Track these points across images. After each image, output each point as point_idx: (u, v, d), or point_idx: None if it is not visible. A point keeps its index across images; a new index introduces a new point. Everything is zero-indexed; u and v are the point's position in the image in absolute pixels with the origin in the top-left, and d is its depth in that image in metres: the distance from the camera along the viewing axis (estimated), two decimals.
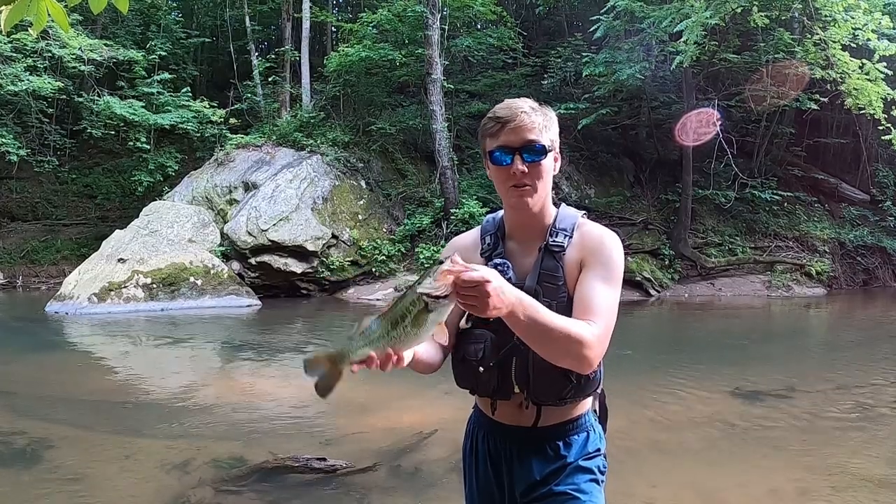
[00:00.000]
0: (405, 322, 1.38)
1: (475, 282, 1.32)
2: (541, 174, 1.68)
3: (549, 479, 1.70)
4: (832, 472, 4.36)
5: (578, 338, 1.50)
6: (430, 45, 15.45)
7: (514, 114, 1.66)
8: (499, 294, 1.35)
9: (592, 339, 1.52)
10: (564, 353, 1.52)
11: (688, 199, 16.03)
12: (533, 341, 1.51)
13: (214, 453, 4.51)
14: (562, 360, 1.55)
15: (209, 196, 15.41)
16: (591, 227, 1.74)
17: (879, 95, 13.06)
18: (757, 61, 15.42)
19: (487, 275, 1.34)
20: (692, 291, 15.68)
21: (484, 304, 1.33)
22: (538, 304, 1.47)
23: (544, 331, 1.46)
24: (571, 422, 1.73)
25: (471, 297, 1.33)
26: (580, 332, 1.51)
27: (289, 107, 18.78)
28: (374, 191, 16.24)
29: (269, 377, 7.50)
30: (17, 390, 6.42)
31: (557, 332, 1.47)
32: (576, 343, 1.50)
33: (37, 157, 17.31)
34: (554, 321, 1.47)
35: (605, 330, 1.57)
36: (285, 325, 11.58)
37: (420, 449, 4.62)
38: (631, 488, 3.91)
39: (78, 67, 16.77)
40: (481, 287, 1.32)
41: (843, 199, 19.04)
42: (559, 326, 1.48)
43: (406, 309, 1.37)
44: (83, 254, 15.32)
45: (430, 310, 1.35)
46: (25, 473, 4.21)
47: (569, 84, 17.55)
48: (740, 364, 7.97)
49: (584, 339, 1.51)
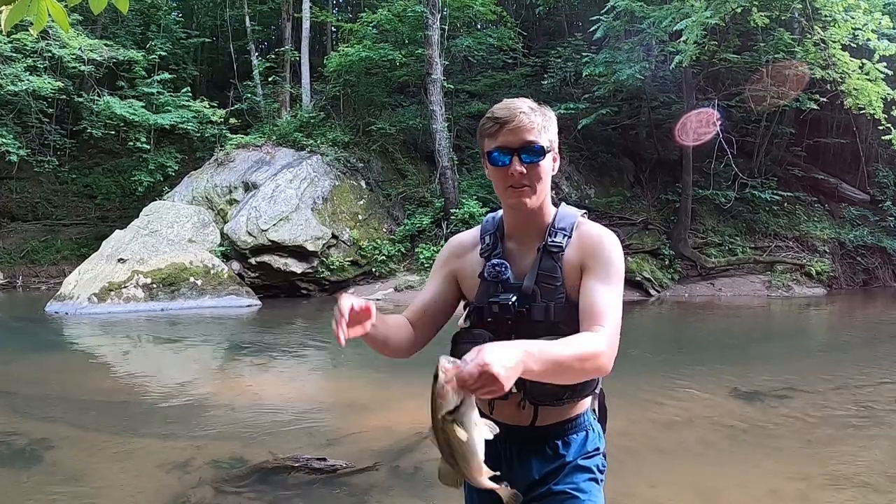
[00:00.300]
0: (453, 447, 1.34)
1: (476, 374, 1.26)
2: (539, 175, 1.67)
3: (548, 479, 1.70)
4: (832, 472, 4.35)
5: (591, 354, 1.49)
6: (430, 45, 15.45)
7: (513, 114, 1.65)
8: (505, 366, 1.28)
9: (603, 347, 1.52)
10: (583, 373, 1.53)
11: (688, 199, 16.03)
12: (552, 378, 1.48)
13: (214, 453, 4.51)
14: (583, 378, 1.57)
15: (209, 196, 15.41)
16: (590, 228, 1.74)
17: (879, 95, 13.06)
18: (757, 61, 15.42)
19: (481, 358, 1.26)
20: (692, 291, 15.67)
21: (499, 385, 1.27)
22: (543, 344, 1.44)
23: (559, 366, 1.43)
24: (570, 421, 1.73)
25: (484, 387, 1.27)
26: (591, 347, 1.50)
27: (289, 107, 18.78)
28: (374, 191, 16.24)
29: (269, 377, 7.50)
30: (17, 390, 6.42)
31: (571, 360, 1.45)
32: (590, 360, 1.49)
33: (37, 157, 17.32)
34: (564, 353, 1.44)
35: (614, 331, 1.58)
36: (285, 325, 11.58)
37: (420, 449, 4.61)
38: (631, 488, 3.90)
39: (78, 67, 16.78)
40: (486, 374, 1.26)
41: (843, 199, 19.04)
42: (571, 355, 1.45)
43: (445, 438, 1.34)
44: (83, 254, 15.33)
45: (462, 422, 1.31)
46: (25, 473, 4.21)
47: (569, 84, 17.55)
48: (740, 364, 7.96)
49: (596, 352, 1.50)
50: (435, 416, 1.32)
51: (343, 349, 1.64)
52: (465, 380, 1.25)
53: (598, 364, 1.50)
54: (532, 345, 1.39)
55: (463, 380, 1.26)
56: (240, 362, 8.43)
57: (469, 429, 1.32)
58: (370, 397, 6.19)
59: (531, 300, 1.67)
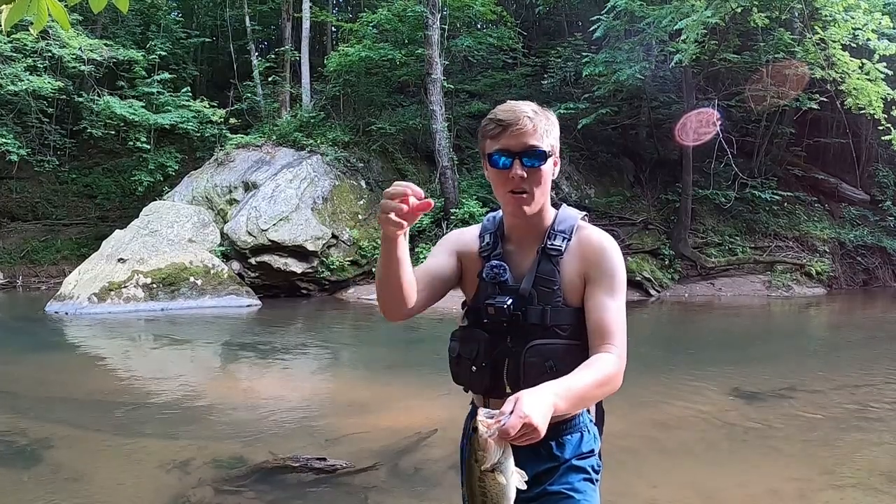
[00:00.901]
0: (489, 496, 1.33)
1: (519, 427, 1.29)
2: (540, 180, 1.67)
3: (543, 479, 1.70)
4: (832, 472, 4.35)
5: (608, 379, 1.56)
6: (430, 45, 15.45)
7: (517, 117, 1.64)
8: (543, 415, 1.32)
9: (618, 367, 1.58)
10: (603, 396, 1.61)
11: (688, 199, 16.03)
12: (576, 409, 1.60)
13: (214, 453, 4.51)
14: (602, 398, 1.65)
15: (209, 196, 15.41)
16: (591, 233, 1.73)
17: (879, 95, 13.06)
18: (757, 61, 15.42)
19: (520, 410, 1.30)
20: (692, 291, 15.68)
21: (538, 434, 1.31)
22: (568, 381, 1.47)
23: (582, 399, 1.51)
24: (565, 422, 1.73)
25: (524, 437, 1.31)
26: (608, 371, 1.56)
27: (289, 107, 18.77)
28: (374, 191, 16.23)
29: (269, 377, 7.51)
30: (17, 390, 6.42)
31: (592, 389, 1.52)
32: (608, 384, 1.56)
33: (37, 157, 17.31)
34: (586, 384, 1.50)
35: (623, 346, 1.62)
36: (285, 325, 11.59)
37: (420, 449, 4.62)
38: (631, 488, 3.90)
39: (78, 67, 16.77)
40: (528, 426, 1.30)
41: (843, 199, 19.03)
42: (592, 383, 1.51)
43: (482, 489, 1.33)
44: (83, 254, 15.32)
45: (502, 471, 1.33)
46: (25, 473, 4.21)
47: (569, 84, 17.55)
48: (740, 364, 7.96)
49: (614, 374, 1.57)
50: (473, 467, 1.34)
51: (341, 350, 1.63)
52: (508, 432, 1.29)
53: (614, 385, 1.58)
54: (559, 385, 1.43)
55: (506, 432, 1.29)
56: (240, 362, 8.43)
57: (508, 478, 1.34)
58: (370, 397, 6.19)
59: (528, 303, 1.67)
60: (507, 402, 1.33)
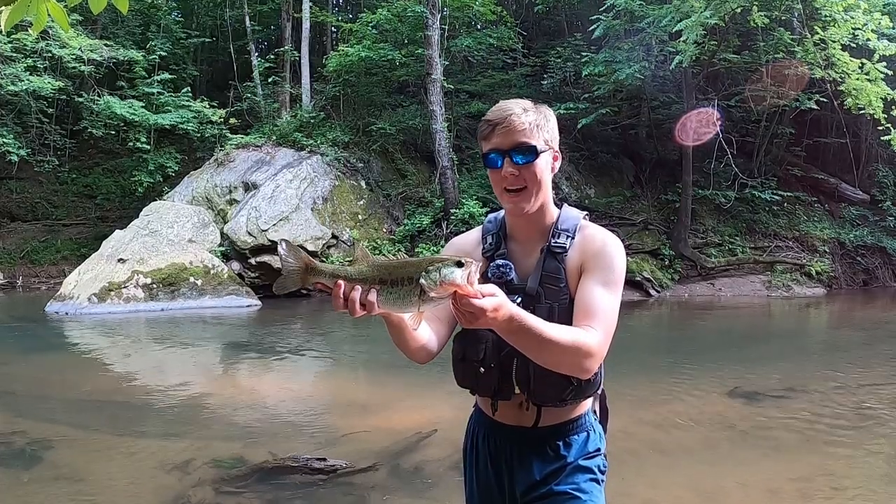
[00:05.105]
0: (396, 288, 1.38)
1: (474, 311, 1.33)
2: (535, 176, 1.66)
3: (550, 479, 1.70)
4: (832, 471, 4.35)
5: (576, 346, 1.49)
6: (430, 45, 15.45)
7: (504, 116, 1.65)
8: (493, 319, 1.36)
9: (592, 346, 1.52)
10: (563, 363, 1.52)
11: (688, 199, 16.03)
12: (529, 352, 1.50)
13: (214, 453, 4.51)
14: (561, 368, 1.54)
15: (209, 196, 15.41)
16: (594, 231, 1.73)
17: (879, 95, 13.07)
18: (757, 61, 15.42)
19: (490, 303, 1.34)
20: (692, 291, 15.67)
21: (471, 323, 1.37)
22: (533, 317, 1.46)
23: (540, 342, 1.45)
24: (571, 422, 1.73)
25: (465, 313, 1.35)
26: (578, 340, 1.50)
27: (289, 107, 18.78)
28: (374, 191, 16.24)
29: (269, 377, 7.50)
30: (17, 390, 6.43)
31: (552, 343, 1.46)
32: (573, 351, 1.49)
33: (37, 157, 17.31)
34: (549, 331, 1.46)
35: (605, 336, 1.56)
36: (285, 325, 11.58)
37: (420, 449, 4.62)
38: (631, 488, 3.91)
39: (78, 67, 16.78)
40: (480, 314, 1.34)
41: (842, 199, 19.02)
42: (555, 337, 1.46)
43: (403, 279, 1.38)
44: (83, 254, 15.32)
45: (423, 300, 1.36)
46: (25, 473, 4.21)
47: (568, 84, 17.55)
48: (740, 364, 7.96)
49: (583, 347, 1.50)
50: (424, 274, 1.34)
51: (341, 350, 1.63)
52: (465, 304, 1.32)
53: (580, 360, 1.51)
54: (525, 313, 1.44)
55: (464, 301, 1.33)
56: (240, 362, 8.43)
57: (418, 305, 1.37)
58: (370, 397, 6.19)
59: (535, 301, 1.66)
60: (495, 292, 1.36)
